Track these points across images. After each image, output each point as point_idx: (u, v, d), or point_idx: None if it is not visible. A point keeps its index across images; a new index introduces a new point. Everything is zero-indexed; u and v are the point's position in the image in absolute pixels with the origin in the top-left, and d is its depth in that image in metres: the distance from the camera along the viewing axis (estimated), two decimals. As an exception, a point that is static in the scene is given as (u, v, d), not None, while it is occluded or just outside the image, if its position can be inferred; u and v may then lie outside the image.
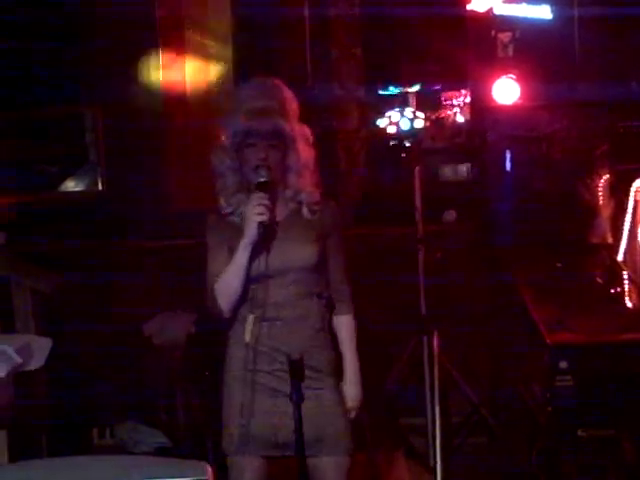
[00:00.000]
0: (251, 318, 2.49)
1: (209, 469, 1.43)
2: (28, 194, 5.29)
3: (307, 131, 2.57)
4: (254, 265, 2.49)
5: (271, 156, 2.49)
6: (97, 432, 3.92)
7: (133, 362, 4.11)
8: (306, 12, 5.03)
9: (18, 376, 3.55)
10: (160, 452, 3.83)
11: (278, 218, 2.53)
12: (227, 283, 2.50)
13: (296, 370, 2.25)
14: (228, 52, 5.30)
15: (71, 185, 5.48)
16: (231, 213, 2.56)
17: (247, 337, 2.48)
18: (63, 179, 5.48)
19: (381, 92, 4.27)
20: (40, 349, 3.63)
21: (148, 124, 5.08)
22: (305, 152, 2.55)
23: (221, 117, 2.65)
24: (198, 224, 2.69)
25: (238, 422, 2.49)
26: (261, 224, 2.43)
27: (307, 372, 2.42)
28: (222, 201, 2.56)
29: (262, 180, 2.48)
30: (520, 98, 4.18)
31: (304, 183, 2.55)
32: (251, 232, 2.44)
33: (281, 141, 2.50)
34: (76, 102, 5.29)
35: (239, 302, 2.53)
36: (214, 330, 4.18)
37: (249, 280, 2.51)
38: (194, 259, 2.70)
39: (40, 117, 5.34)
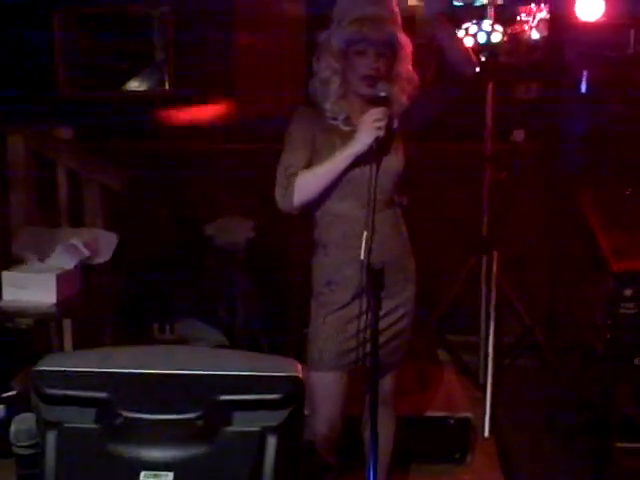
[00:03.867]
0: (365, 233, 2.43)
1: (299, 366, 1.45)
2: (95, 92, 5.32)
3: (409, 42, 2.53)
4: (349, 174, 2.47)
5: (381, 65, 2.47)
6: (158, 327, 4.02)
7: (195, 261, 4.18)
8: None
9: (85, 269, 3.66)
10: (218, 350, 3.93)
11: None
12: (313, 181, 2.48)
13: (377, 280, 2.25)
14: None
15: (137, 84, 5.48)
16: (334, 119, 2.53)
17: (362, 254, 2.43)
18: (130, 78, 5.49)
19: (456, 3, 4.12)
20: (107, 244, 3.71)
21: (217, 25, 5.02)
22: (409, 62, 2.52)
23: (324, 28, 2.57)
24: (264, 130, 2.68)
25: (335, 340, 2.52)
26: (377, 138, 2.41)
27: (397, 281, 2.50)
28: (327, 105, 2.53)
29: (384, 95, 2.45)
30: (604, 15, 4.01)
31: (403, 94, 2.52)
32: (365, 142, 2.42)
33: (390, 50, 2.47)
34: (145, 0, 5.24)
35: (312, 206, 2.53)
36: (273, 237, 4.24)
37: (338, 189, 2.49)
38: (258, 165, 2.70)
39: (108, 14, 5.32)
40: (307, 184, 2.48)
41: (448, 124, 4.71)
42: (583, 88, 4.40)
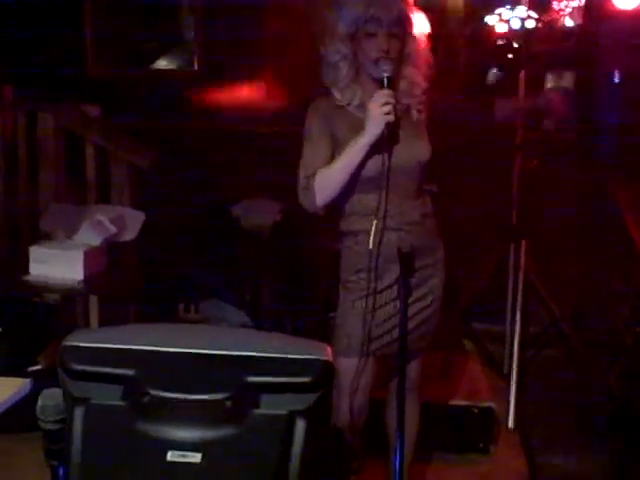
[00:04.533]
0: (374, 224, 2.38)
1: (330, 350, 1.43)
2: (124, 70, 5.32)
3: (424, 18, 2.44)
4: (371, 165, 2.37)
5: (392, 47, 2.35)
6: (183, 307, 4.03)
7: (221, 242, 4.17)
8: None
9: (111, 246, 3.66)
10: (242, 332, 3.92)
11: None
12: (332, 178, 2.38)
13: (406, 263, 2.21)
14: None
15: (166, 63, 5.46)
16: (347, 104, 2.43)
17: (370, 244, 2.39)
18: (158, 56, 5.47)
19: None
20: (133, 221, 3.72)
21: (247, 5, 4.99)
22: (423, 40, 2.43)
23: (334, 4, 2.46)
24: (294, 112, 2.64)
25: (364, 327, 2.47)
26: (388, 124, 2.30)
27: (426, 266, 2.46)
28: (336, 93, 2.44)
29: (387, 75, 2.33)
30: (642, 3, 3.93)
31: (418, 75, 2.42)
32: (375, 132, 2.32)
33: (401, 29, 2.36)
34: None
35: (338, 199, 2.44)
36: (300, 220, 4.23)
37: (361, 180, 2.40)
38: (287, 147, 2.66)
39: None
40: (327, 182, 2.39)
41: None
42: (616, 78, 4.32)
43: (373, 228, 2.38)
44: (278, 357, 1.43)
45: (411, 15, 2.38)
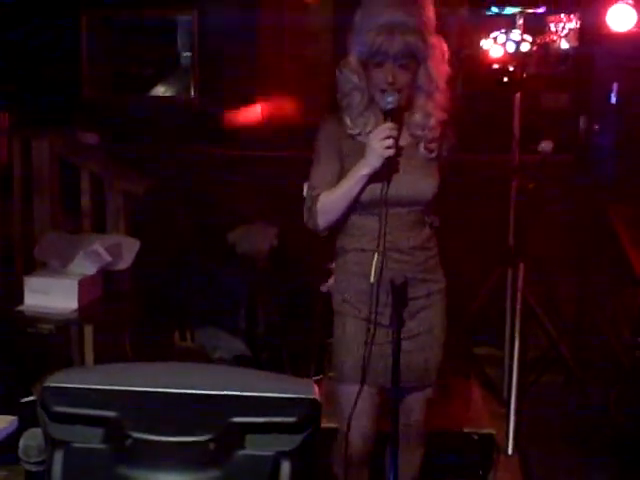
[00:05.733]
0: (376, 256, 2.32)
1: (316, 388, 1.40)
2: (121, 97, 5.33)
3: (444, 46, 2.34)
4: (368, 193, 2.34)
5: (400, 78, 2.29)
6: (178, 335, 4.00)
7: (216, 268, 4.15)
8: None
9: (106, 274, 3.64)
10: (238, 360, 3.90)
11: (401, 143, 2.34)
12: (333, 203, 2.38)
13: (399, 295, 2.17)
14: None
15: (163, 90, 5.48)
16: (358, 134, 2.39)
17: (372, 278, 2.32)
18: (155, 83, 5.49)
19: (487, 12, 4.07)
20: (129, 250, 3.70)
21: (242, 32, 5.00)
22: (439, 70, 2.32)
23: (348, 32, 2.38)
24: (288, 139, 2.63)
25: (356, 353, 2.42)
26: (388, 158, 2.27)
27: (413, 298, 2.36)
28: (348, 121, 2.39)
29: (390, 107, 2.28)
30: (636, 26, 3.93)
31: (433, 106, 2.33)
32: (374, 164, 2.29)
33: (413, 60, 2.29)
34: (171, 5, 5.24)
35: (339, 223, 2.43)
36: (296, 245, 4.20)
37: (362, 207, 2.38)
38: (283, 172, 2.65)
39: (135, 20, 5.33)
40: (328, 206, 2.39)
41: (476, 135, 4.70)
42: (613, 99, 4.32)
43: (374, 262, 2.33)
44: (263, 396, 1.41)
45: (424, 45, 2.29)
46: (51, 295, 3.45)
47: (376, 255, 2.33)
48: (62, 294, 3.44)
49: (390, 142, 2.26)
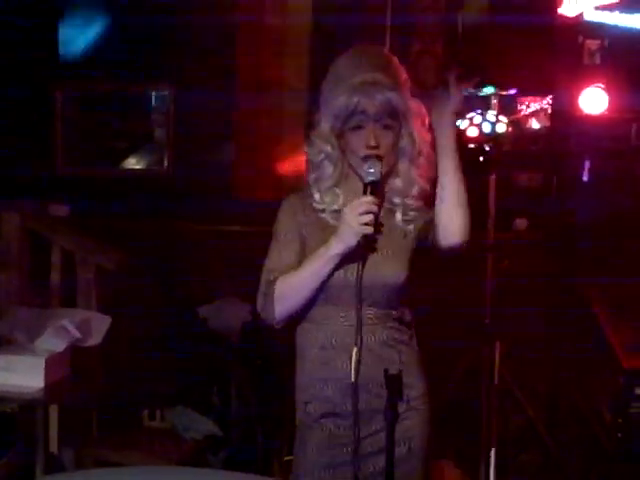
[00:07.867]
0: (355, 353, 2.03)
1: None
2: (93, 169, 5.29)
3: (423, 109, 2.09)
4: (337, 277, 2.05)
5: (383, 140, 2.03)
6: (147, 414, 3.87)
7: (188, 344, 4.06)
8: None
9: (75, 351, 3.53)
10: (209, 440, 3.78)
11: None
12: (294, 290, 2.05)
13: (393, 386, 1.97)
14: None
15: (136, 162, 5.46)
16: (322, 210, 2.13)
17: (352, 377, 2.03)
18: (128, 156, 5.47)
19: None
20: (99, 326, 3.59)
21: (217, 105, 5.02)
22: (421, 133, 2.08)
23: (318, 96, 2.15)
24: (261, 213, 2.57)
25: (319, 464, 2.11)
26: (365, 236, 2.00)
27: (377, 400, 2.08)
28: (316, 194, 2.13)
29: (372, 179, 2.01)
30: (608, 109, 4.02)
31: (418, 173, 2.09)
32: (349, 243, 2.00)
33: (394, 121, 2.04)
34: (145, 80, 5.26)
35: (298, 315, 2.11)
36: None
37: (327, 295, 2.07)
38: (255, 248, 2.60)
39: (108, 93, 5.33)
40: (288, 291, 2.06)
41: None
42: (585, 177, 4.38)
43: (354, 357, 2.03)
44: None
45: (405, 104, 2.04)
46: (17, 373, 3.31)
47: (355, 349, 2.04)
48: (28, 372, 3.31)
49: (369, 218, 1.98)
